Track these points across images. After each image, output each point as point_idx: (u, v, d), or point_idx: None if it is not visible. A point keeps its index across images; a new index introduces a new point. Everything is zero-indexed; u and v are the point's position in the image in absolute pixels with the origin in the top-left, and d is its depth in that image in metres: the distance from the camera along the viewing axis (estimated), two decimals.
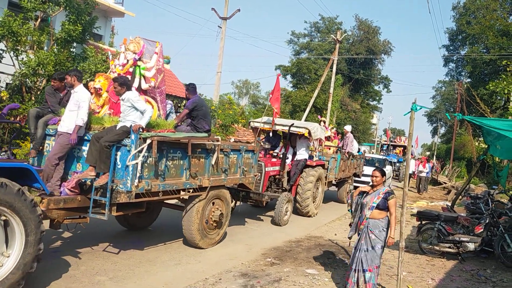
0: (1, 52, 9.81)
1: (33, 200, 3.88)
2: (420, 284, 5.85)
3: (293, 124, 9.63)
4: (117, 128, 5.00)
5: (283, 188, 9.41)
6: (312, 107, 24.00)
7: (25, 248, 3.84)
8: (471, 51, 30.17)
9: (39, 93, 10.15)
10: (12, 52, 9.85)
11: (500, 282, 6.17)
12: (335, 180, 11.75)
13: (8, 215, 3.75)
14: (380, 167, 5.36)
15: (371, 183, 5.01)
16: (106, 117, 5.40)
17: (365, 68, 39.19)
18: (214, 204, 6.40)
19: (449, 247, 7.16)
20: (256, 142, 7.56)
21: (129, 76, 5.55)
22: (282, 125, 9.79)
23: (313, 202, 10.10)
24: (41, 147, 5.46)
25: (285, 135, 9.79)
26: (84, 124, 5.10)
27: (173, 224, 7.29)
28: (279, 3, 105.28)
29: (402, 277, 5.24)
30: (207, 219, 6.24)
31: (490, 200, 8.40)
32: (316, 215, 10.21)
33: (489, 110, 22.90)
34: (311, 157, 10.18)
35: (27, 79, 10.02)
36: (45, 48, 10.91)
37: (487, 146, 8.12)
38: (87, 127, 5.28)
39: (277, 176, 9.28)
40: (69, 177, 5.12)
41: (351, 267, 4.89)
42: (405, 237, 5.65)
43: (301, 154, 9.82)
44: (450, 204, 9.79)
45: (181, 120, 6.08)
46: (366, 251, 4.76)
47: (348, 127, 13.09)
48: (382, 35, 51.95)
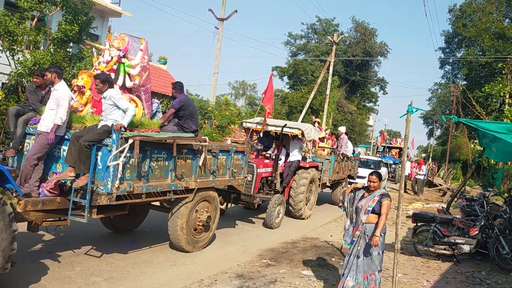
0: None
1: (2, 199, 3.69)
2: (415, 285, 5.84)
3: (285, 124, 9.47)
4: (98, 127, 4.81)
5: (276, 190, 9.24)
6: (308, 108, 23.92)
7: None
8: (467, 53, 30.22)
9: None
10: (8, 52, 9.82)
11: (495, 284, 6.17)
12: (329, 182, 11.59)
13: None
14: (376, 170, 5.12)
15: (367, 186, 4.73)
16: (88, 116, 5.21)
17: (362, 70, 39.20)
18: (202, 206, 6.21)
19: (445, 249, 7.15)
20: (246, 143, 7.38)
21: (113, 74, 5.37)
22: (275, 126, 9.63)
23: (306, 204, 9.93)
24: (20, 147, 5.26)
25: (278, 136, 9.63)
26: (64, 123, 4.90)
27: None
28: (276, 4, 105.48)
29: (398, 278, 5.21)
30: (193, 222, 6.05)
31: (485, 202, 8.37)
32: (309, 217, 10.05)
33: (484, 113, 22.90)
34: (304, 158, 10.03)
35: (23, 79, 9.93)
36: (42, 48, 10.87)
37: (482, 148, 8.14)
38: (68, 126, 5.09)
39: (269, 178, 9.11)
40: (48, 178, 4.93)
41: (345, 273, 4.61)
42: (400, 238, 5.65)
43: (294, 156, 9.67)
44: (445, 206, 9.73)
45: (167, 119, 5.90)
46: (363, 257, 4.49)
47: (342, 128, 12.91)
48: (379, 37, 52.12)
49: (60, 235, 6.04)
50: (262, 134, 10.23)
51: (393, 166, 25.47)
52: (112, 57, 5.44)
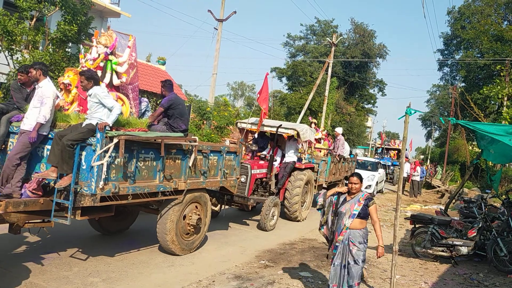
0: None
1: None
2: (413, 287, 5.79)
3: (281, 125, 9.31)
4: (82, 125, 4.64)
5: (271, 192, 9.08)
6: (307, 109, 23.80)
7: None
8: (465, 55, 30.18)
9: None
10: (7, 52, 9.80)
11: (493, 286, 6.15)
12: (325, 184, 11.43)
13: None
14: (357, 172, 4.91)
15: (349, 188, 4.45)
16: (72, 115, 5.03)
17: (360, 71, 39.09)
18: (192, 208, 6.04)
19: (443, 251, 7.13)
20: (239, 143, 7.23)
21: (99, 71, 5.21)
22: (270, 126, 9.47)
23: (302, 206, 9.77)
24: (3, 146, 5.09)
25: (273, 137, 9.47)
26: (47, 121, 4.73)
27: None
28: (275, 5, 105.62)
29: (396, 280, 5.21)
30: (183, 225, 5.89)
31: (483, 204, 8.35)
32: (305, 219, 9.88)
33: (483, 115, 22.83)
34: (300, 159, 9.87)
35: None
36: (40, 47, 10.86)
37: (480, 150, 8.12)
38: (52, 125, 4.92)
39: (264, 179, 8.94)
40: (32, 178, 4.76)
41: (333, 285, 4.32)
42: (398, 240, 5.63)
43: (290, 157, 9.51)
44: (443, 208, 9.64)
45: (156, 118, 5.73)
46: (350, 265, 4.24)
47: (339, 129, 12.73)
48: (378, 39, 52.04)
49: (60, 235, 5.98)
50: (257, 135, 10.07)
51: (392, 167, 25.35)
52: (99, 54, 5.30)
